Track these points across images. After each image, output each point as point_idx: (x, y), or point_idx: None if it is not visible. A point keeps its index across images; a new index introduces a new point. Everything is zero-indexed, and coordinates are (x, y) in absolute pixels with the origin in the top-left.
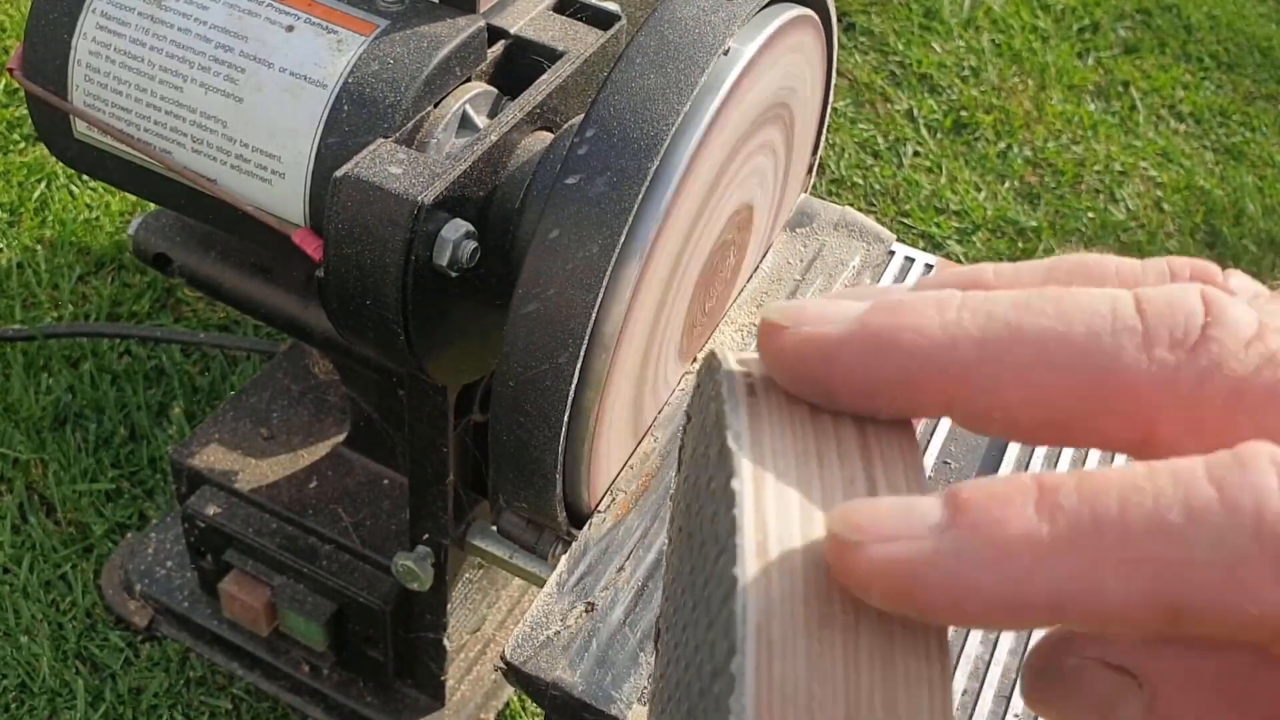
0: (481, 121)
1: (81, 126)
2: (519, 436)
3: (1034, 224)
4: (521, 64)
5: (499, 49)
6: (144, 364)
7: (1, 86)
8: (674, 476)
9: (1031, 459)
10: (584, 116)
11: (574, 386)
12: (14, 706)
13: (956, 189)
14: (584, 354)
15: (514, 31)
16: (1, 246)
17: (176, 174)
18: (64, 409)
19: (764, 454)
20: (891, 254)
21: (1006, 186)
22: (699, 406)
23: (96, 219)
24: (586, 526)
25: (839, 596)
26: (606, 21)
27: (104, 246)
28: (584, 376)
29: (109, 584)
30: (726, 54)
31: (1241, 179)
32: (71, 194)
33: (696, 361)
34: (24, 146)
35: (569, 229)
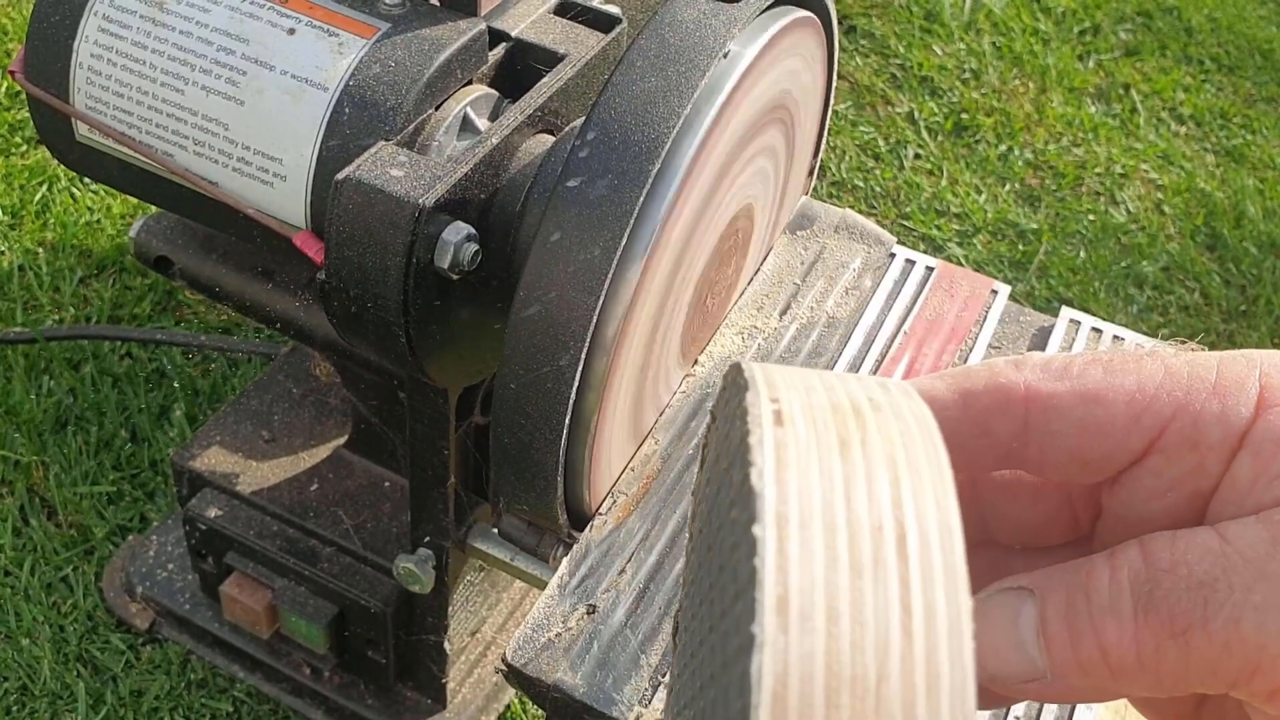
0: (483, 124)
1: (83, 129)
2: (520, 439)
3: (1034, 226)
4: (522, 67)
5: (500, 52)
6: (145, 366)
7: (3, 89)
8: (696, 470)
9: None
10: (585, 119)
11: (575, 389)
12: (15, 709)
13: (957, 191)
14: (585, 357)
15: (515, 34)
16: (3, 249)
17: (178, 177)
18: (65, 411)
19: (789, 495)
20: (892, 256)
21: (1007, 189)
22: (723, 414)
23: (98, 222)
24: (588, 529)
25: (855, 670)
26: (607, 24)
27: (105, 249)
28: (585, 379)
29: (110, 586)
30: (727, 57)
31: (1242, 181)
32: (73, 197)
33: (698, 364)
34: (26, 149)
35: (570, 232)
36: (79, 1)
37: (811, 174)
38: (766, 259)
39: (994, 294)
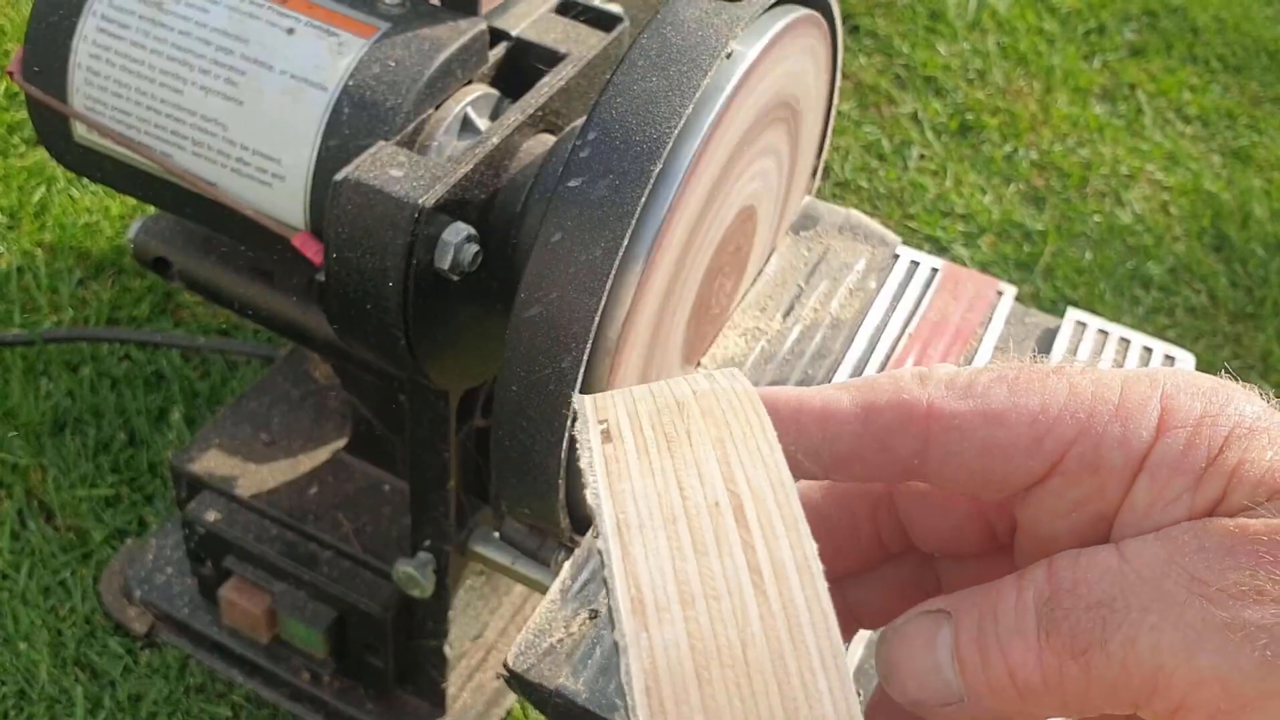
0: (483, 124)
1: (81, 130)
2: (522, 442)
3: (1040, 227)
4: (523, 66)
5: (500, 51)
6: (143, 369)
7: (1, 90)
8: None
9: None
10: (586, 119)
11: (577, 391)
12: (13, 714)
13: (962, 192)
14: (587, 358)
15: (516, 34)
16: (1, 250)
17: (177, 177)
18: (63, 414)
19: (625, 502)
20: (896, 257)
21: (1012, 189)
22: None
23: (96, 223)
24: (590, 533)
25: (719, 642)
26: (609, 23)
27: (104, 250)
28: (587, 381)
29: (108, 590)
30: (729, 56)
31: (1249, 182)
32: (71, 198)
33: (701, 366)
34: (24, 150)
35: (571, 232)
36: (77, 2)
37: (815, 174)
38: (770, 259)
39: (999, 295)
